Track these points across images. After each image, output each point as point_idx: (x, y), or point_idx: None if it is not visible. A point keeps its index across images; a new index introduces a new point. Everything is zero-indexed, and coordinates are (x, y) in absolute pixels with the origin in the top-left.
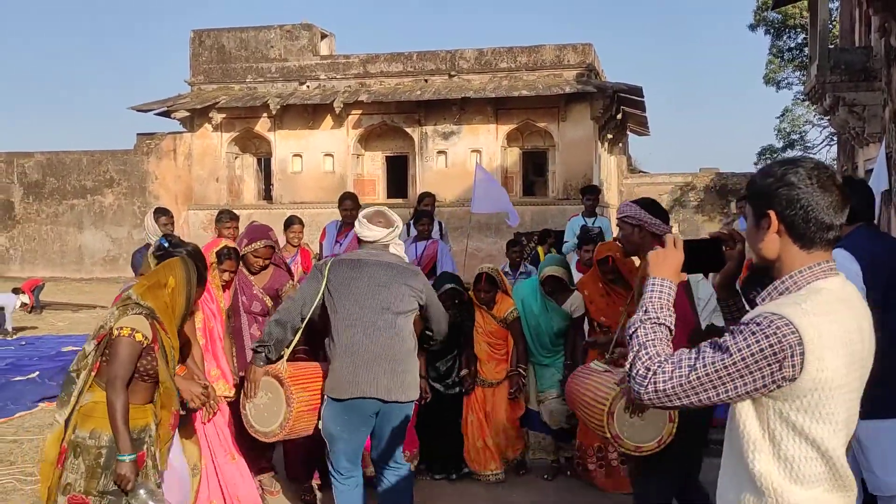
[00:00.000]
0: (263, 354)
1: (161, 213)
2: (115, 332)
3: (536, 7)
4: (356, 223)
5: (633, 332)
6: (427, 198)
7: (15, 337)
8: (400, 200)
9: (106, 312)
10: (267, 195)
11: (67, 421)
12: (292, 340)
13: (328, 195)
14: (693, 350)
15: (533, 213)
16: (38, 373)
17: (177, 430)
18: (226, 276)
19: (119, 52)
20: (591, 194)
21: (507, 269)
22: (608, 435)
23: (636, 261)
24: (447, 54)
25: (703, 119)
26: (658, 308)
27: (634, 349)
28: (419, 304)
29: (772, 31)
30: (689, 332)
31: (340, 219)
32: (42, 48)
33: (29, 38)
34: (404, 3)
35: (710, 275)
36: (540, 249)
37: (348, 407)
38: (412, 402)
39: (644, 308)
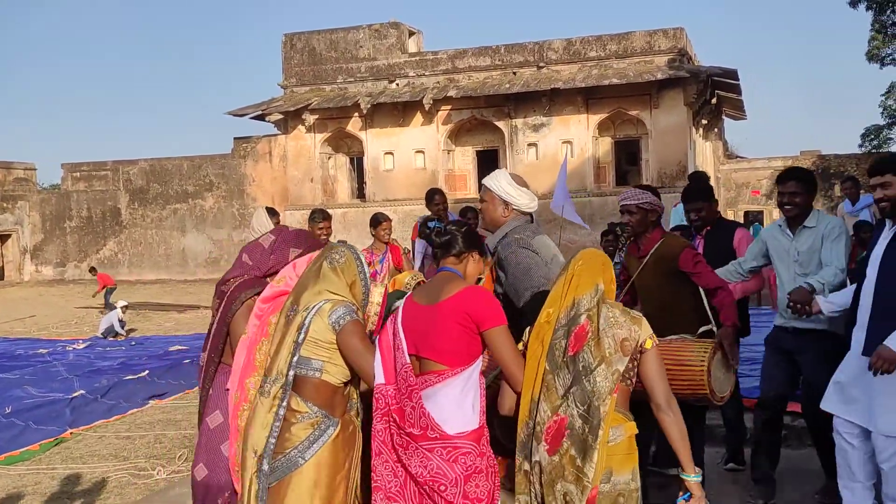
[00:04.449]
0: None
1: (271, 213)
2: (650, 343)
3: None
4: (512, 193)
5: None
6: None
7: (125, 338)
8: None
9: (622, 319)
10: (360, 193)
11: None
12: None
13: (420, 192)
14: None
15: None
16: (147, 371)
17: None
18: None
19: (214, 59)
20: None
21: None
22: (707, 391)
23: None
24: (535, 46)
25: (802, 100)
26: None
27: None
28: None
29: (874, 5)
30: None
31: (431, 214)
32: (141, 59)
33: (128, 51)
34: None
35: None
36: None
37: None
38: None
39: None
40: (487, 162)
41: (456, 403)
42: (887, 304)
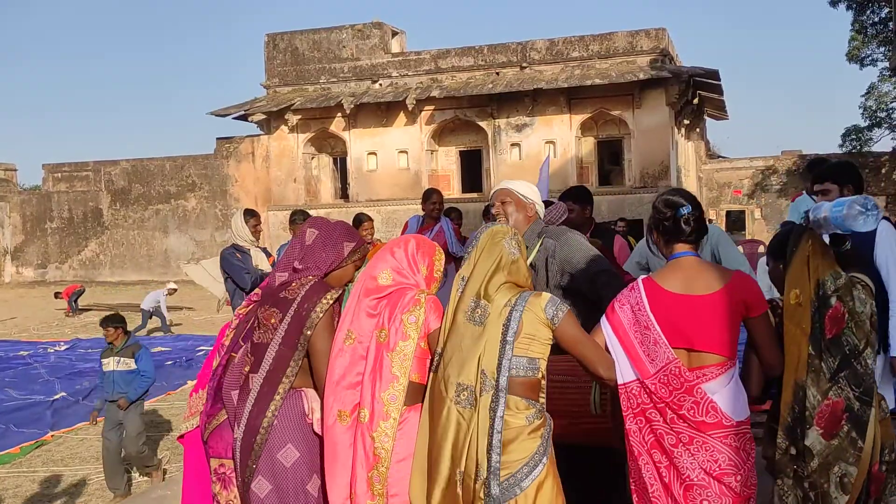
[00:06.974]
0: None
1: (250, 214)
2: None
3: None
4: (535, 200)
5: None
6: None
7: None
8: (475, 195)
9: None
10: (343, 194)
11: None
12: None
13: (403, 192)
14: None
15: (609, 203)
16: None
17: None
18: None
19: (197, 60)
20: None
21: None
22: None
23: None
24: (518, 46)
25: (783, 100)
26: None
27: None
28: None
29: (854, 5)
30: None
31: (422, 214)
32: (123, 59)
33: (110, 51)
34: None
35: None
36: (631, 239)
37: None
38: None
39: None
40: (471, 162)
41: (738, 391)
42: None
